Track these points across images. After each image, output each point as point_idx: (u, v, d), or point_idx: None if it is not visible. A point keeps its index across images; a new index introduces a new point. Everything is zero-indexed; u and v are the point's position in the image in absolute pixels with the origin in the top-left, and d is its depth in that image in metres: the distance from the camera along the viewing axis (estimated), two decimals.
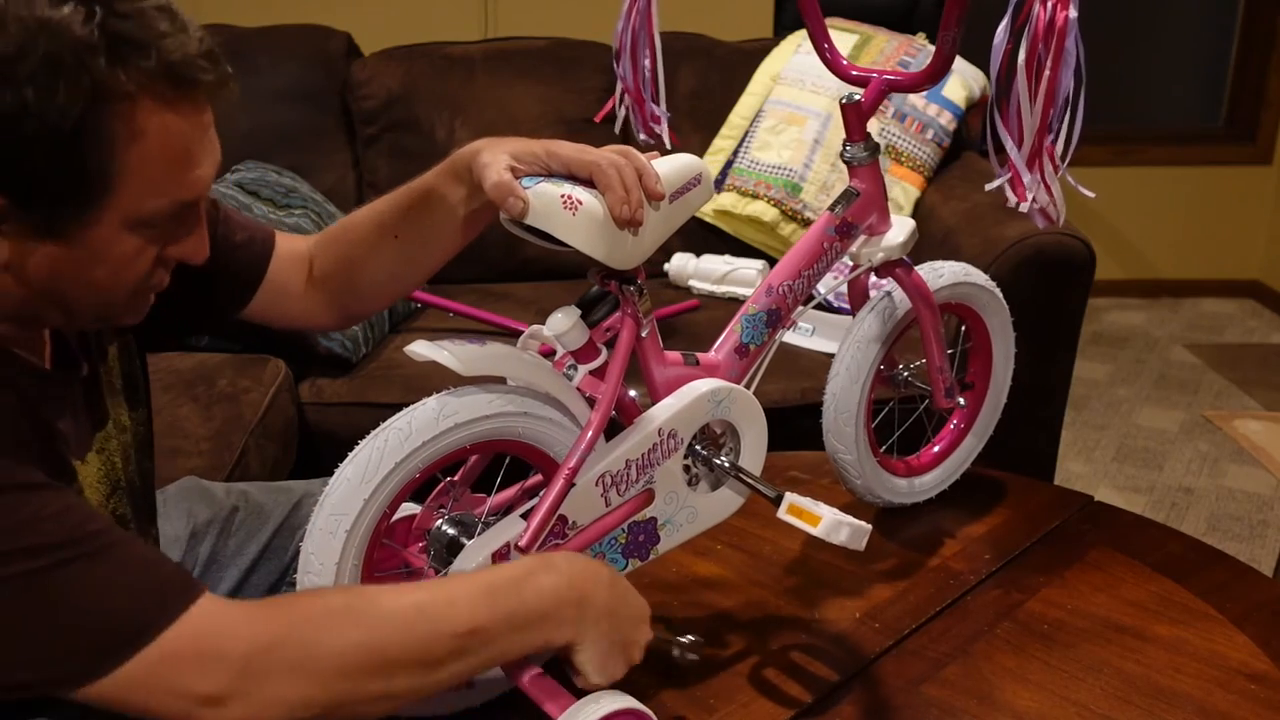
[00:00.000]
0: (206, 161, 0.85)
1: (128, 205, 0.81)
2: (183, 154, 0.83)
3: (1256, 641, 1.13)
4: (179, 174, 0.83)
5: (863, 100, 1.19)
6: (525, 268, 2.47)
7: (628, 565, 1.04)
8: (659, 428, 1.02)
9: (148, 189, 0.81)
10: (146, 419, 1.08)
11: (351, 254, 1.12)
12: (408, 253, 1.10)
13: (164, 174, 0.82)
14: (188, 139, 0.83)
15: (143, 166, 0.80)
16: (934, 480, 1.39)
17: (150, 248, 0.85)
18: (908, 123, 2.40)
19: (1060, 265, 1.96)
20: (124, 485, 1.01)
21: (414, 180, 1.07)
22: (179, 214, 0.85)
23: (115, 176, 0.79)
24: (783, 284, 1.15)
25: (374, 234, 1.10)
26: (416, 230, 1.08)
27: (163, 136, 0.80)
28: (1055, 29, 1.10)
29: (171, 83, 0.80)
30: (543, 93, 2.54)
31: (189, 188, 0.84)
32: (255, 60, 2.51)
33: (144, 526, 1.06)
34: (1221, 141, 3.95)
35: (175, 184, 0.83)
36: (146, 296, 0.91)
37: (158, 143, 0.80)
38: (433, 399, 0.91)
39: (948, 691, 1.07)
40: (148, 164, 0.80)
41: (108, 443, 0.99)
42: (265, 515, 1.27)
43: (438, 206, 1.05)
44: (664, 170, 0.98)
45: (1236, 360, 3.47)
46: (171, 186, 0.83)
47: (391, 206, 1.09)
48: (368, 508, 0.89)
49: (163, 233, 0.86)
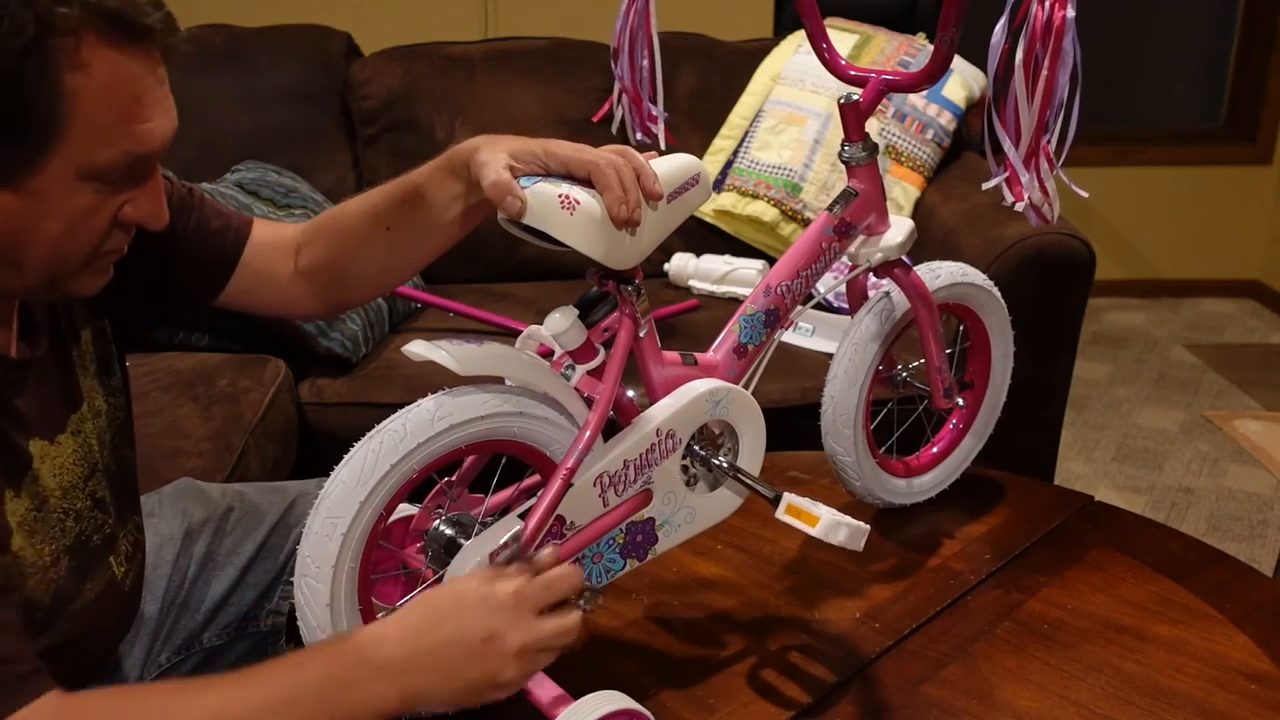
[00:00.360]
0: (159, 115, 0.84)
1: (78, 152, 0.80)
2: (132, 100, 0.82)
3: (1257, 641, 1.13)
4: (129, 122, 0.82)
5: (861, 100, 1.19)
6: (525, 268, 2.47)
7: (626, 565, 1.04)
8: (657, 428, 1.01)
9: (98, 136, 0.81)
10: (125, 406, 1.08)
11: (342, 244, 1.12)
12: (399, 246, 1.10)
13: (114, 120, 0.81)
14: (137, 85, 0.82)
15: (91, 109, 0.79)
16: (933, 480, 1.38)
17: (105, 205, 0.85)
18: (908, 123, 2.40)
19: (1060, 265, 1.96)
20: (102, 469, 1.01)
21: (408, 173, 1.07)
22: (133, 168, 0.85)
23: (64, 119, 0.79)
24: (781, 284, 1.15)
25: (366, 225, 1.10)
26: (409, 224, 1.07)
27: (110, 78, 0.80)
28: (1053, 28, 1.10)
29: (114, 21, 0.79)
30: (543, 93, 2.54)
31: (141, 140, 0.83)
32: (255, 60, 2.51)
33: (124, 513, 1.05)
34: (1221, 141, 3.95)
35: (125, 134, 0.82)
36: (104, 262, 0.90)
37: (105, 84, 0.80)
38: (428, 400, 0.91)
39: (948, 691, 1.07)
40: (96, 107, 0.80)
41: (83, 425, 0.99)
42: (260, 515, 1.27)
43: (432, 202, 1.05)
44: (662, 170, 0.97)
45: (1236, 360, 3.46)
46: (122, 136, 0.82)
47: (384, 199, 1.08)
48: (364, 510, 0.88)
49: (117, 188, 0.85)
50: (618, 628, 1.16)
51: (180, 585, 1.22)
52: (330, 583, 0.89)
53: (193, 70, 2.46)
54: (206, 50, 2.49)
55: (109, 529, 1.01)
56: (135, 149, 0.83)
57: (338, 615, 0.90)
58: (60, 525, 0.95)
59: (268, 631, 1.26)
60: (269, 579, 1.25)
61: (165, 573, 1.21)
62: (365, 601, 0.92)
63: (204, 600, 1.23)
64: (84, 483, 0.98)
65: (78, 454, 0.98)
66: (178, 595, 1.22)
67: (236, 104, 2.47)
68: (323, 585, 0.89)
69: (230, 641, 1.25)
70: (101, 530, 1.00)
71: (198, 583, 1.23)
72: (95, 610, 1.00)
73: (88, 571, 0.98)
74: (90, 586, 0.99)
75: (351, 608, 0.91)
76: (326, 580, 0.89)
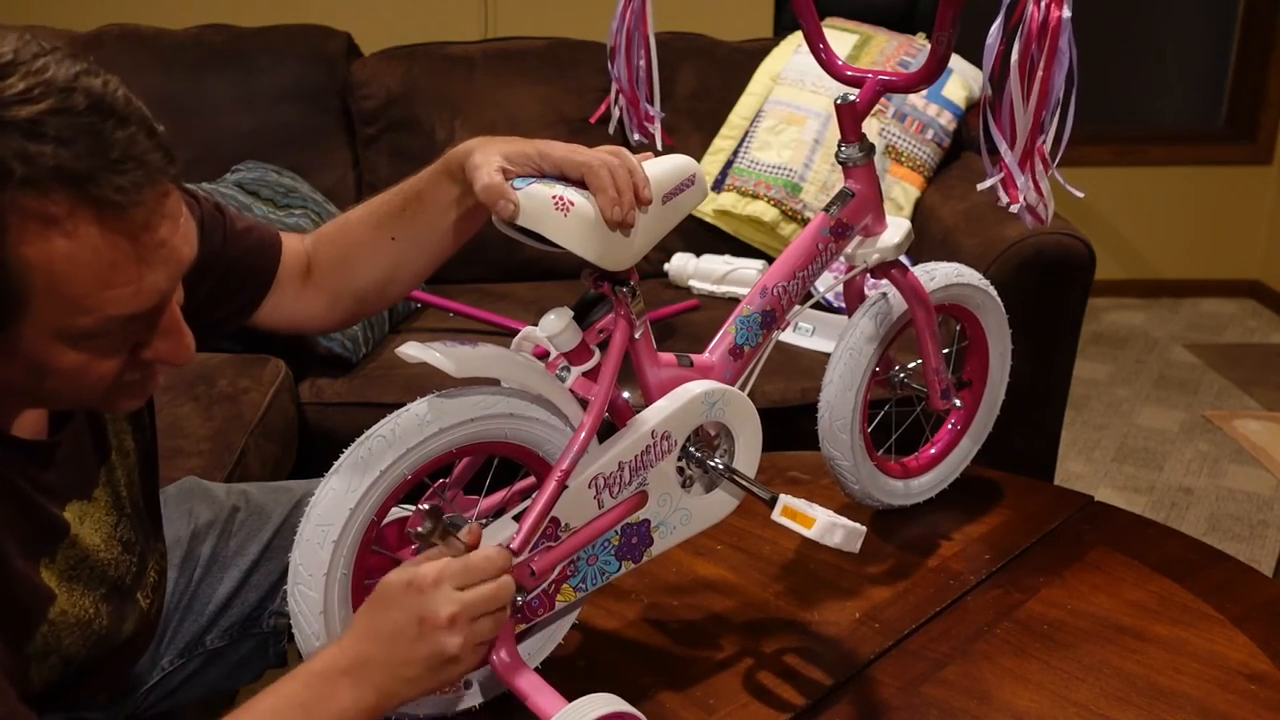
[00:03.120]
0: (151, 272, 0.75)
1: (50, 321, 0.73)
2: (107, 269, 0.72)
3: (1256, 641, 1.13)
4: (107, 288, 0.73)
5: (858, 101, 1.19)
6: (525, 268, 2.47)
7: (621, 567, 1.03)
8: (652, 430, 1.01)
9: (69, 305, 0.72)
10: (151, 438, 1.08)
11: (349, 255, 1.12)
12: (404, 254, 1.10)
13: (86, 289, 0.72)
14: (112, 252, 0.72)
15: (53, 285, 0.71)
16: (931, 482, 1.38)
17: (103, 359, 0.78)
18: (908, 123, 2.40)
19: (1060, 265, 1.95)
20: (129, 510, 1.01)
21: (407, 180, 1.07)
22: (126, 329, 0.77)
23: (24, 290, 0.71)
24: (777, 285, 1.15)
25: (371, 235, 1.10)
26: (411, 231, 1.07)
27: (76, 247, 0.71)
28: (1048, 29, 1.10)
29: (79, 187, 0.70)
30: (542, 93, 2.53)
31: (125, 304, 0.74)
32: (255, 60, 2.51)
33: (149, 544, 1.06)
34: (1221, 141, 3.95)
35: (105, 300, 0.73)
36: (133, 391, 0.85)
37: (69, 255, 0.70)
38: (417, 403, 0.90)
39: (947, 692, 1.07)
40: (59, 282, 0.71)
41: (113, 473, 0.99)
42: (266, 515, 1.27)
43: (431, 207, 1.05)
44: (657, 172, 0.97)
45: (1236, 360, 3.46)
46: (101, 303, 0.73)
47: (386, 208, 1.08)
48: (354, 517, 0.88)
49: (113, 343, 0.77)
50: (617, 628, 1.16)
51: (185, 588, 1.23)
52: (323, 590, 0.89)
53: (193, 70, 2.47)
54: (206, 50, 2.49)
55: (136, 567, 1.02)
56: (119, 313, 0.75)
57: (331, 622, 0.90)
58: (101, 575, 0.96)
59: (270, 633, 1.26)
60: (272, 580, 1.25)
61: (171, 576, 1.21)
62: (359, 607, 0.92)
63: (209, 602, 1.23)
64: (114, 529, 0.98)
65: (109, 503, 0.98)
66: (183, 598, 1.22)
67: (236, 104, 2.47)
68: (316, 593, 0.89)
69: (234, 643, 1.25)
70: (131, 570, 1.01)
71: (203, 585, 1.23)
72: (130, 645, 1.02)
73: (123, 612, 0.99)
74: (128, 626, 1.00)
75: (345, 614, 0.91)
76: (319, 588, 0.89)
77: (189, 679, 1.24)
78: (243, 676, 1.28)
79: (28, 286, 0.71)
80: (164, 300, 0.78)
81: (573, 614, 1.07)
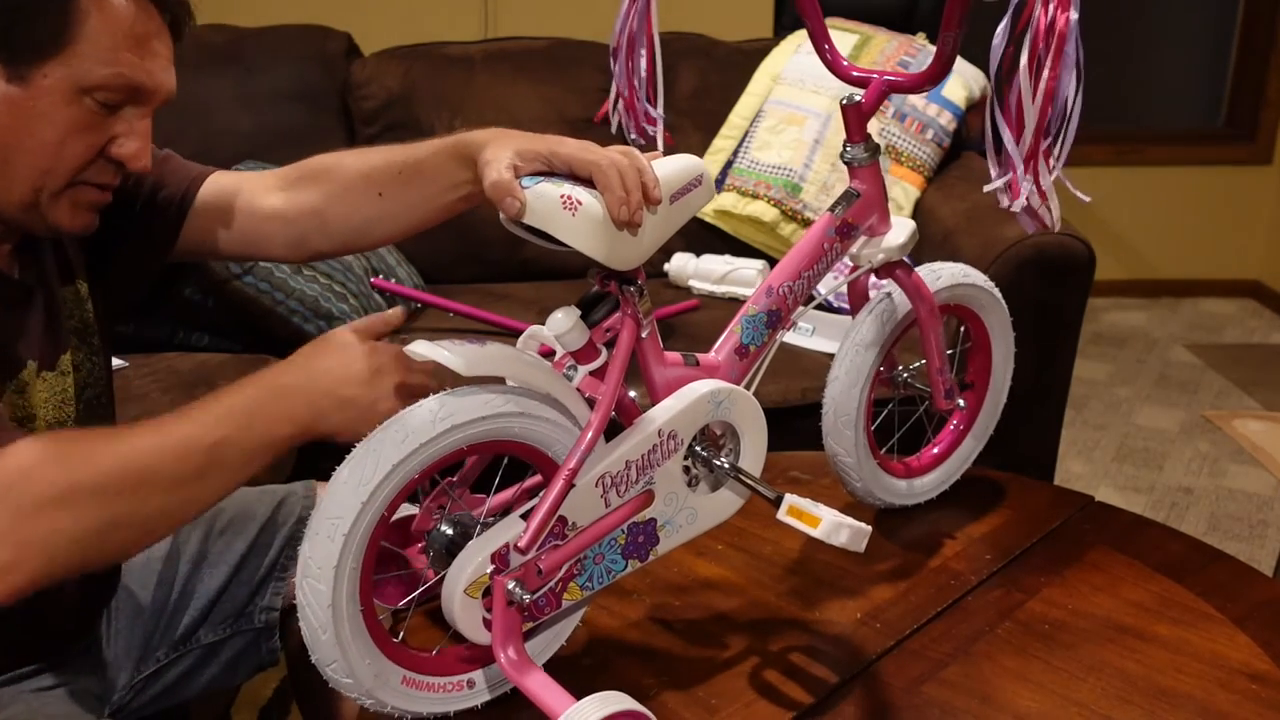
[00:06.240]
0: (159, 69, 0.96)
1: (79, 65, 0.91)
2: (138, 37, 0.94)
3: (1257, 641, 1.13)
4: (130, 52, 0.93)
5: (863, 101, 1.19)
6: (526, 268, 2.47)
7: (627, 566, 1.04)
8: (659, 429, 1.01)
9: (100, 54, 0.92)
10: (104, 377, 1.11)
11: (330, 195, 1.15)
12: (386, 212, 1.12)
13: (117, 45, 0.92)
14: (142, 29, 0.94)
15: (99, 30, 0.91)
16: (934, 481, 1.38)
17: (98, 126, 0.94)
18: (908, 123, 2.40)
19: (1060, 265, 1.96)
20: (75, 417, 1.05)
21: (412, 145, 1.09)
22: (127, 96, 0.95)
23: (74, 28, 0.90)
24: (783, 285, 1.15)
25: (359, 183, 1.13)
26: (402, 195, 1.10)
27: (121, 13, 0.92)
28: (1056, 31, 1.10)
29: None
30: (543, 93, 2.54)
31: (138, 71, 0.94)
32: (255, 60, 2.51)
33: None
34: (1221, 141, 3.95)
35: (126, 61, 0.93)
36: (86, 196, 0.98)
37: (115, 15, 0.92)
38: (428, 400, 0.91)
39: (949, 692, 1.07)
40: (103, 31, 0.91)
41: (63, 379, 1.03)
42: (251, 513, 1.30)
43: (431, 180, 1.07)
44: (665, 171, 0.97)
45: (1236, 360, 3.47)
46: (122, 61, 0.93)
47: (384, 163, 1.11)
48: (365, 511, 0.88)
49: (111, 112, 0.94)
50: (619, 628, 1.16)
51: (173, 581, 1.25)
52: (332, 584, 0.89)
53: (193, 70, 2.45)
54: (206, 50, 2.49)
55: None
56: (132, 76, 0.93)
57: (339, 616, 0.90)
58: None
59: (262, 628, 1.28)
60: (260, 575, 1.28)
61: (157, 568, 1.24)
62: (367, 602, 0.92)
63: (200, 596, 1.26)
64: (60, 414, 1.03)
65: (58, 398, 1.02)
66: (171, 590, 1.25)
67: (236, 104, 2.46)
68: (324, 586, 0.89)
69: (226, 638, 1.28)
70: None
71: (191, 579, 1.26)
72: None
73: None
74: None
75: (353, 608, 0.91)
76: (328, 581, 0.89)
77: (186, 675, 1.26)
78: (238, 673, 1.31)
79: (78, 25, 0.91)
80: (155, 95, 0.97)
81: (579, 613, 1.08)
